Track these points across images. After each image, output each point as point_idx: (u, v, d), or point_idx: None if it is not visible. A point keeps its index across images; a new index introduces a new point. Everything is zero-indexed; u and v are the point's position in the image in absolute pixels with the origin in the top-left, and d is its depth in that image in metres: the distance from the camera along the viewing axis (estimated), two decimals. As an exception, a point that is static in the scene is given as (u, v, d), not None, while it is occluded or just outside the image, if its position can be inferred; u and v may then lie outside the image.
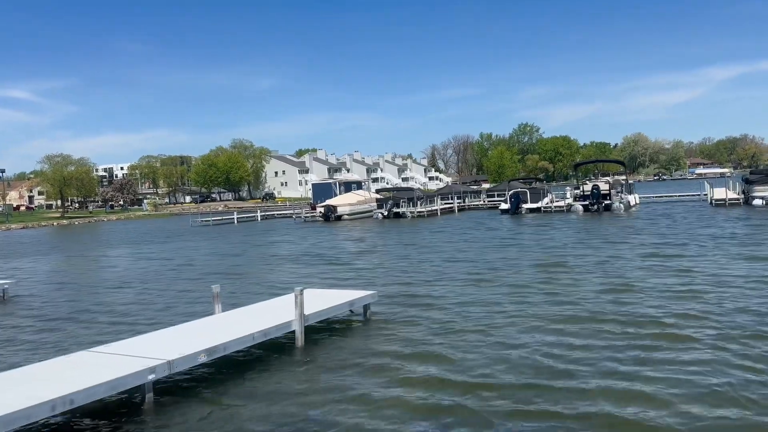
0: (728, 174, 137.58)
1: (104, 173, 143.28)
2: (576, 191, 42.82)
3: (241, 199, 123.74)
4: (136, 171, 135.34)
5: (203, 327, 9.85)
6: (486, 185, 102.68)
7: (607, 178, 47.23)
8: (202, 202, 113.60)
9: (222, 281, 17.69)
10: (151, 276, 20.66)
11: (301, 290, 9.88)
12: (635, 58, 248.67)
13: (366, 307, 11.76)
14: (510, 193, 44.31)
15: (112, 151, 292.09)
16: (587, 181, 44.10)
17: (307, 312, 9.95)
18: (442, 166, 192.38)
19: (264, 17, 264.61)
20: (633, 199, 42.46)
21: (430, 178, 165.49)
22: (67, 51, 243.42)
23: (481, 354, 9.05)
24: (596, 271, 16.04)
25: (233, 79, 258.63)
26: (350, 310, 11.59)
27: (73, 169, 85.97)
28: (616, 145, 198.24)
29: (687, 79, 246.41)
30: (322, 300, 11.09)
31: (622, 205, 40.04)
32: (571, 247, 22.24)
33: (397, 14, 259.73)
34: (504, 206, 44.55)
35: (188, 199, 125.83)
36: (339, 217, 49.69)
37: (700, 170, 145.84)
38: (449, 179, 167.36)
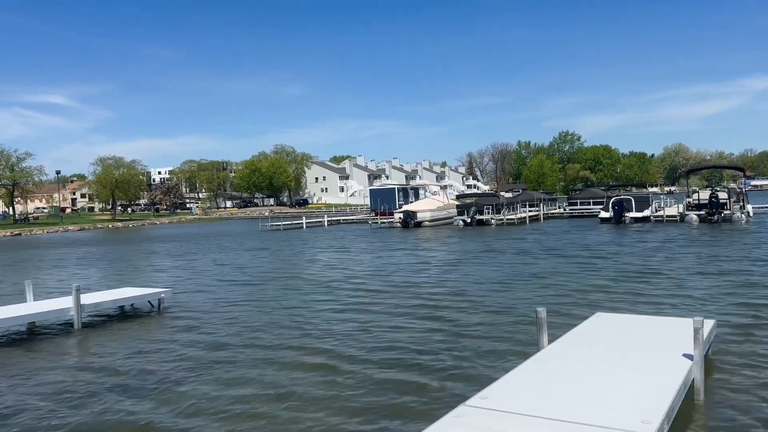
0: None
1: (142, 177, 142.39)
2: (688, 200, 39.60)
3: (282, 204, 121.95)
4: (177, 175, 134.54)
5: (565, 370, 7.09)
6: (541, 194, 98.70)
7: (724, 184, 43.85)
8: (244, 206, 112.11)
9: (432, 298, 14.35)
10: (340, 286, 17.56)
11: (702, 320, 7.10)
12: (664, 69, 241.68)
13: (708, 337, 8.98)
14: (613, 200, 41.17)
15: (144, 156, 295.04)
16: (700, 190, 40.81)
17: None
18: (477, 173, 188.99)
19: (292, 26, 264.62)
20: (750, 209, 39.11)
21: (468, 186, 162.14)
22: (103, 57, 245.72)
23: None
24: None
25: (261, 87, 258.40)
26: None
27: (124, 171, 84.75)
28: (652, 155, 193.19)
29: (722, 90, 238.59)
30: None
31: (743, 216, 36.76)
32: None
33: (419, 25, 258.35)
34: (604, 214, 41.39)
35: (229, 203, 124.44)
36: (419, 224, 46.98)
37: (755, 182, 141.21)
38: (487, 187, 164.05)
